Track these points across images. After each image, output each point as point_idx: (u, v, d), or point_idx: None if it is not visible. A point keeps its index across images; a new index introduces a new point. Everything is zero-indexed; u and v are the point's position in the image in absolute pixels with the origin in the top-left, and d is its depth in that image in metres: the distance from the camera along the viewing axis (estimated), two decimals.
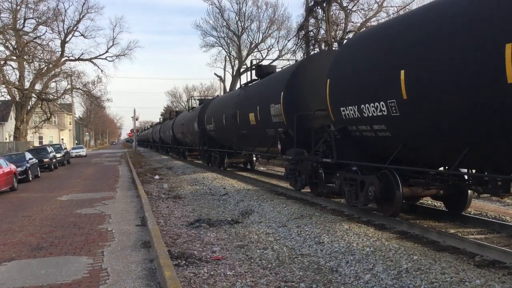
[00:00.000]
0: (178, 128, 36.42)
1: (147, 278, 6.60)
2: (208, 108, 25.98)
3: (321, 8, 31.09)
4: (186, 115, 34.94)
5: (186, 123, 32.67)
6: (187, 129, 31.81)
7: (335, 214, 10.57)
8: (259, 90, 17.00)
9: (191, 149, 33.82)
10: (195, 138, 29.32)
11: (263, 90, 16.26)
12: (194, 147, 31.83)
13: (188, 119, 31.83)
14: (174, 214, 11.86)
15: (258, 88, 17.36)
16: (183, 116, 37.13)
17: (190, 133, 30.85)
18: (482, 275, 5.69)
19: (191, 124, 29.95)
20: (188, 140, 33.17)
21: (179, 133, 36.46)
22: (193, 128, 29.01)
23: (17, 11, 40.98)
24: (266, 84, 16.45)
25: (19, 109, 42.26)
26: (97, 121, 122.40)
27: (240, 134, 19.11)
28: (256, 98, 16.80)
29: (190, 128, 30.43)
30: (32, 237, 9.71)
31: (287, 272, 6.66)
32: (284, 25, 52.02)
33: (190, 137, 31.31)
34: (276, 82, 14.98)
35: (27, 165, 23.65)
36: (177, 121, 38.14)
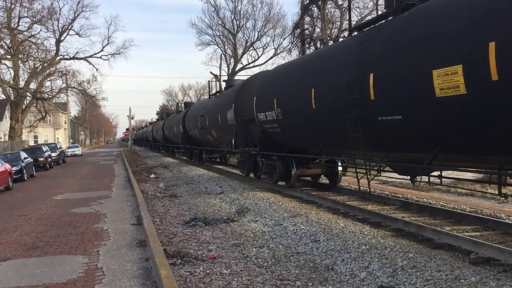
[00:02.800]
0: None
1: (143, 277, 6.58)
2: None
3: (316, 6, 31.10)
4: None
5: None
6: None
7: (331, 212, 10.59)
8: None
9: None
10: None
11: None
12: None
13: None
14: (170, 213, 11.84)
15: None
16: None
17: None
18: (477, 272, 5.71)
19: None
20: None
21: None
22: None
23: (12, 9, 40.80)
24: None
25: (14, 108, 42.11)
26: (92, 120, 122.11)
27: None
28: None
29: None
30: (28, 236, 9.68)
31: (283, 270, 6.66)
32: (280, 24, 52.04)
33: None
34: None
35: (22, 165, 23.58)
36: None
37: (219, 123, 20.80)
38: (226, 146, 21.60)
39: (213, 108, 22.67)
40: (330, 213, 10.43)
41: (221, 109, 20.51)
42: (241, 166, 18.34)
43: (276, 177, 14.70)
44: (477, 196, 12.43)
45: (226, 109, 19.28)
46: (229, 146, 20.22)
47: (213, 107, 22.64)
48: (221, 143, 22.29)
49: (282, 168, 14.19)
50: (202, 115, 24.56)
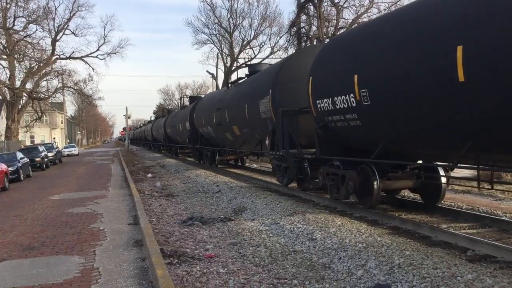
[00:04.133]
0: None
1: (139, 277, 6.56)
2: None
3: (312, 4, 31.09)
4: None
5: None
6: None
7: (328, 210, 10.58)
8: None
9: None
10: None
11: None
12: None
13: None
14: (166, 212, 11.82)
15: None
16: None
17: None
18: (474, 270, 5.71)
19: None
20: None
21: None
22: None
23: (7, 9, 40.72)
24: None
25: (10, 108, 41.99)
26: (89, 120, 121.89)
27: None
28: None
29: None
30: (24, 237, 9.64)
31: (280, 269, 6.65)
32: (276, 22, 51.94)
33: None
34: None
35: (19, 165, 23.50)
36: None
37: (246, 118, 16.40)
38: (254, 147, 17.16)
39: (235, 99, 18.14)
40: (327, 211, 10.42)
41: (249, 99, 16.07)
42: (279, 173, 14.27)
43: (345, 192, 10.26)
44: (473, 193, 12.45)
45: (258, 98, 14.80)
46: (259, 146, 16.35)
47: (236, 98, 18.08)
48: (246, 143, 18.11)
49: (357, 179, 9.72)
50: (219, 108, 20.12)
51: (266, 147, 14.89)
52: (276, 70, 14.23)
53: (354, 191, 9.98)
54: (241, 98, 17.22)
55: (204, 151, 25.44)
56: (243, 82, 18.72)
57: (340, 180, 10.35)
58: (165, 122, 39.55)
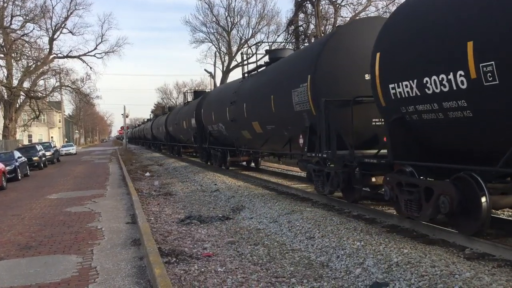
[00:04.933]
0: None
1: (137, 276, 6.55)
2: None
3: (310, 3, 31.09)
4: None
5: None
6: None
7: (326, 208, 10.58)
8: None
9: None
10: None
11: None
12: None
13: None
14: (164, 211, 11.80)
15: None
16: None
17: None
18: (472, 268, 5.71)
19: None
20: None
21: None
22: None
23: (4, 8, 40.60)
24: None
25: (8, 108, 41.88)
26: (87, 119, 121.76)
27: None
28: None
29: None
30: (21, 236, 9.62)
31: (278, 267, 6.65)
32: (274, 20, 51.97)
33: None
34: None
35: (16, 164, 23.45)
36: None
37: (271, 112, 13.62)
38: (282, 147, 14.08)
39: (256, 90, 15.44)
40: (325, 210, 10.42)
41: (276, 89, 13.35)
42: (318, 181, 11.33)
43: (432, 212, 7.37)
44: None
45: (290, 87, 12.00)
46: (287, 146, 13.49)
47: (257, 89, 15.35)
48: (269, 142, 15.21)
49: (456, 194, 6.82)
50: (233, 102, 17.38)
51: (298, 147, 12.37)
52: (317, 50, 11.14)
53: (449, 211, 6.93)
54: (265, 89, 14.37)
55: (213, 151, 22.88)
56: (265, 71, 15.74)
57: (424, 194, 7.47)
58: (167, 120, 37.35)
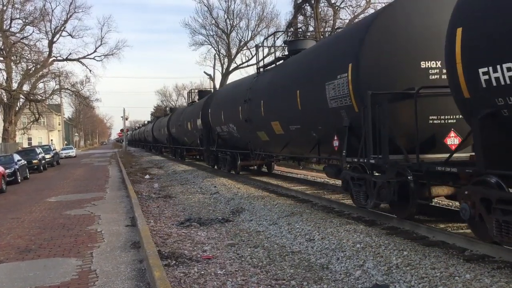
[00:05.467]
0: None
1: (137, 279, 6.54)
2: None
3: (309, 5, 31.14)
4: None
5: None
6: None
7: (325, 210, 10.57)
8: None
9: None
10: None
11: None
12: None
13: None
14: (164, 213, 11.80)
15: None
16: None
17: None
18: (472, 270, 5.71)
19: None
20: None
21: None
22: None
23: (4, 11, 40.68)
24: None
25: (7, 111, 41.88)
26: (86, 122, 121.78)
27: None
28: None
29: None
30: (21, 239, 9.60)
31: (278, 270, 6.64)
32: (273, 23, 51.89)
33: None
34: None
35: (16, 167, 23.44)
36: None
37: (297, 110, 11.70)
38: (310, 150, 12.01)
39: (277, 85, 13.49)
40: (324, 212, 10.41)
41: (304, 83, 11.43)
42: (359, 191, 9.42)
43: None
44: None
45: (324, 79, 10.02)
46: (315, 149, 11.63)
47: (279, 84, 13.39)
48: (292, 145, 13.40)
49: None
50: (248, 100, 15.56)
51: (331, 151, 10.75)
52: (361, 33, 9.03)
53: None
54: (288, 84, 12.46)
55: (221, 155, 21.03)
56: (286, 64, 13.90)
57: None
58: (169, 121, 35.65)
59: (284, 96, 12.64)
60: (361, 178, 9.26)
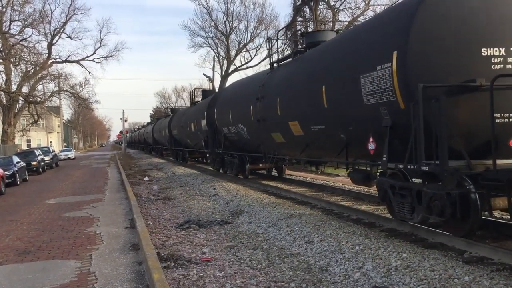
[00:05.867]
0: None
1: (136, 281, 6.53)
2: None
3: (308, 7, 31.18)
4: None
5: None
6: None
7: (325, 212, 10.57)
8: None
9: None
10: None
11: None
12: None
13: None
14: (163, 215, 11.79)
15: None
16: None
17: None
18: (471, 272, 5.71)
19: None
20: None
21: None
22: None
23: (3, 13, 40.68)
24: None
25: (6, 112, 41.86)
26: (85, 123, 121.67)
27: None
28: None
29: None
30: (20, 241, 9.59)
31: (277, 272, 6.64)
32: (272, 25, 51.90)
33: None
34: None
35: (15, 169, 23.40)
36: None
37: (321, 107, 10.38)
38: (337, 154, 10.62)
39: (296, 80, 12.12)
40: (324, 213, 10.42)
41: (331, 77, 10.04)
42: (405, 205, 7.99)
43: None
44: None
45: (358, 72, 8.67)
46: (343, 153, 10.31)
47: (296, 79, 12.08)
48: (313, 147, 12.08)
49: None
50: (260, 98, 14.28)
51: (363, 155, 9.58)
52: (407, 15, 7.57)
53: None
54: (311, 78, 11.05)
55: (228, 158, 19.93)
56: (305, 57, 12.44)
57: None
58: (171, 122, 34.28)
59: (305, 93, 11.23)
60: (405, 188, 7.94)
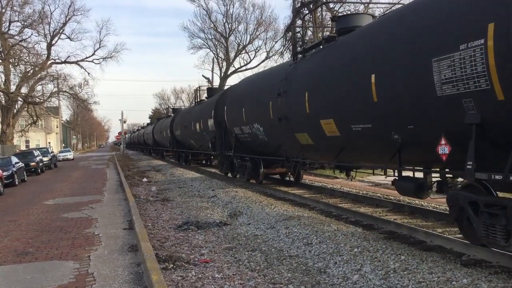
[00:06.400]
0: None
1: (134, 282, 6.53)
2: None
3: (308, 9, 31.21)
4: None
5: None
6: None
7: (323, 214, 10.58)
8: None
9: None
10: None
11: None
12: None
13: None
14: (162, 217, 11.78)
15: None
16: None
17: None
18: (469, 274, 5.72)
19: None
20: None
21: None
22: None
23: (2, 14, 40.71)
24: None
25: (5, 113, 41.82)
26: (84, 124, 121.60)
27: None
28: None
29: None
30: (18, 242, 9.59)
31: (275, 274, 6.64)
32: (272, 27, 51.96)
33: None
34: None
35: (13, 169, 23.39)
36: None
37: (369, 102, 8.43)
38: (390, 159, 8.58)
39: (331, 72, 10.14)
40: (322, 215, 10.43)
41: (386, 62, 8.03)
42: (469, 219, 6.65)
43: None
44: None
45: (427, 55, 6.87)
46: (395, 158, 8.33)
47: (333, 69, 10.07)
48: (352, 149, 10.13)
49: None
50: (282, 93, 12.43)
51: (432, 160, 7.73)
52: None
53: None
54: (354, 67, 9.06)
55: (238, 161, 18.07)
56: (343, 43, 10.31)
57: None
58: (173, 123, 32.85)
59: (344, 85, 9.40)
60: (495, 205, 6.21)
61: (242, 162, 17.77)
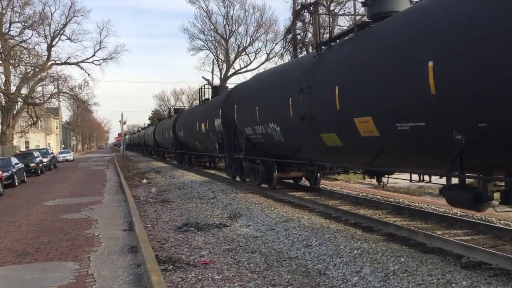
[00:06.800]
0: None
1: (134, 283, 6.54)
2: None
3: (308, 11, 31.24)
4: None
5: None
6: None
7: (323, 216, 10.58)
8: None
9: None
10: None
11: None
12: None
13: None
14: (162, 218, 11.79)
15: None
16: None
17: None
18: (469, 277, 5.73)
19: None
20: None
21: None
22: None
23: (3, 15, 40.77)
24: None
25: (5, 114, 41.86)
26: (84, 125, 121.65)
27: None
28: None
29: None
30: (18, 243, 9.59)
31: (275, 275, 6.65)
32: (272, 29, 52.16)
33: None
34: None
35: (13, 170, 23.40)
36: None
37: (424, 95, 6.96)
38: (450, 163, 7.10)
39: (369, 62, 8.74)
40: (322, 217, 10.43)
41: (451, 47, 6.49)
42: None
43: None
44: None
45: None
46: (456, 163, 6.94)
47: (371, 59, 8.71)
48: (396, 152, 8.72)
49: None
50: (304, 89, 11.07)
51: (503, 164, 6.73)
52: None
53: None
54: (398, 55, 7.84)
55: (249, 164, 16.68)
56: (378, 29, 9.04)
57: None
58: (175, 123, 31.70)
59: (387, 77, 8.04)
60: None
61: (253, 165, 16.36)
